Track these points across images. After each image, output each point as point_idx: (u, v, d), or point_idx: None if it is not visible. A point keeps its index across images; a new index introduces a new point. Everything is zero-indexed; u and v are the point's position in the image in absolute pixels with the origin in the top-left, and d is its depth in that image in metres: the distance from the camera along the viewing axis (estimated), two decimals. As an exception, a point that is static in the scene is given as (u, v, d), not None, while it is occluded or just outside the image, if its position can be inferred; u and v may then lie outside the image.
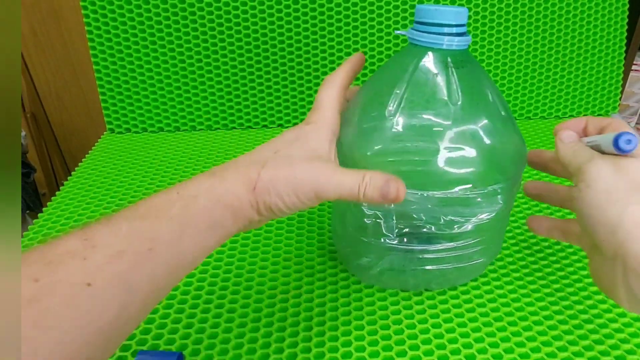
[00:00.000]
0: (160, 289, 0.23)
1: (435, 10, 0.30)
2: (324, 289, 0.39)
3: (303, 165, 0.27)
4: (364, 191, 0.27)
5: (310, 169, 0.27)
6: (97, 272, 0.20)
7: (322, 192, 0.27)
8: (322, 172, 0.27)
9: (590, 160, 0.27)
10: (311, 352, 0.33)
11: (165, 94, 0.63)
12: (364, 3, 0.61)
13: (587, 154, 0.28)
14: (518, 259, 0.42)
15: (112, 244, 0.22)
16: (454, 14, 0.30)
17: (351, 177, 0.27)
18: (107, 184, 0.53)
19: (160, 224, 0.23)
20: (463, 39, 0.31)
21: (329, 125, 0.30)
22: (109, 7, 0.59)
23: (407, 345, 0.34)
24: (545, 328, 0.35)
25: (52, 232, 0.45)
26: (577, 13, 0.65)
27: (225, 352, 0.33)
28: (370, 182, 0.27)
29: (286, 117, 0.66)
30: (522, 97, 0.68)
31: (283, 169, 0.27)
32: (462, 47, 0.31)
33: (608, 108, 0.70)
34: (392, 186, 0.27)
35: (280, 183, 0.26)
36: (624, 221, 0.24)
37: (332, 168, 0.28)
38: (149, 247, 0.22)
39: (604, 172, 0.26)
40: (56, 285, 0.19)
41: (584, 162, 0.27)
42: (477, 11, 0.63)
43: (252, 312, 0.36)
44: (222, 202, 0.25)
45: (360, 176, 0.27)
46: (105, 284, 0.20)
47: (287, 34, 0.62)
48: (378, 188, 0.27)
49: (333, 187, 0.27)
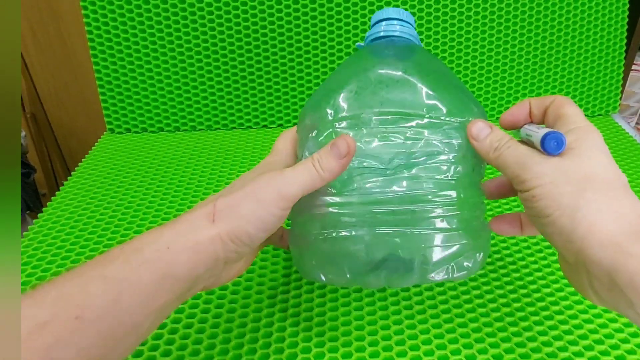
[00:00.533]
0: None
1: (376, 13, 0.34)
2: (324, 288, 0.39)
3: (256, 179, 0.26)
4: (319, 166, 0.26)
5: (265, 177, 0.26)
6: (14, 350, 0.18)
7: (284, 189, 0.25)
8: (274, 174, 0.26)
9: (524, 165, 0.25)
10: (311, 352, 0.33)
11: (165, 94, 0.63)
12: (364, 3, 0.61)
13: (515, 155, 0.26)
14: (518, 259, 0.42)
15: (35, 314, 0.19)
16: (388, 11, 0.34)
17: (303, 164, 0.27)
18: (107, 184, 0.53)
19: (91, 285, 0.21)
20: (404, 27, 0.34)
21: (282, 157, 0.31)
22: (109, 7, 0.59)
23: (408, 346, 0.34)
24: (546, 328, 0.35)
25: (52, 232, 0.45)
26: (577, 13, 0.65)
27: (226, 352, 0.33)
28: (321, 154, 0.27)
29: (286, 117, 0.66)
30: (522, 97, 0.68)
31: (238, 192, 0.25)
32: (399, 33, 0.34)
33: (608, 108, 0.70)
34: (340, 143, 0.27)
35: (238, 204, 0.25)
36: (577, 228, 0.23)
37: (282, 169, 0.27)
38: (77, 314, 0.20)
39: (543, 179, 0.24)
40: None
41: (518, 168, 0.25)
42: (477, 11, 0.63)
43: (252, 312, 0.36)
44: (173, 249, 0.23)
45: (308, 159, 0.27)
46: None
47: (287, 34, 0.62)
48: (330, 153, 0.26)
49: (290, 178, 0.26)
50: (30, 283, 0.39)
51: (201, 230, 0.24)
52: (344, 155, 0.27)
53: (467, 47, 0.65)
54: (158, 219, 0.47)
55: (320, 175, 0.26)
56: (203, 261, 0.24)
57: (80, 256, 0.42)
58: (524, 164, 0.25)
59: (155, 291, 0.22)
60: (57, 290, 0.20)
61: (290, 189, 0.25)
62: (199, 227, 0.24)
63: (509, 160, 0.26)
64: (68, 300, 0.20)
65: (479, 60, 0.66)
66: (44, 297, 0.20)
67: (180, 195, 0.51)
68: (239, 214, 0.24)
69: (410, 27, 0.35)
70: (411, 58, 0.33)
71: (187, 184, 0.52)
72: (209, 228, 0.24)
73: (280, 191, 0.25)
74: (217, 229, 0.24)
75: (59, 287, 0.21)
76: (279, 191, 0.25)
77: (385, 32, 0.34)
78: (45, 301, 0.20)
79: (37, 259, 0.41)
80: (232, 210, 0.24)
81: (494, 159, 0.27)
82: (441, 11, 0.63)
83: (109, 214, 0.48)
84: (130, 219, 0.47)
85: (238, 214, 0.24)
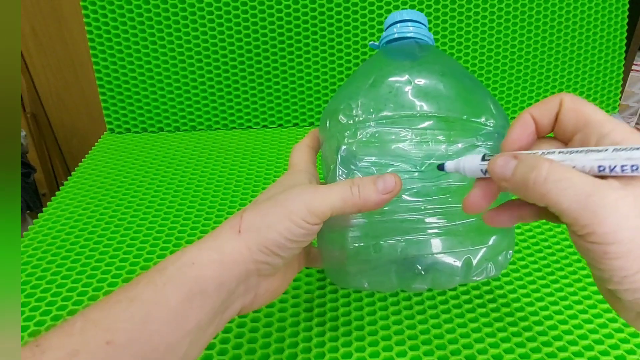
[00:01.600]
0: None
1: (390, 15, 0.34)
2: (324, 289, 0.39)
3: (285, 192, 0.25)
4: (357, 192, 0.25)
5: (294, 191, 0.25)
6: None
7: (312, 204, 0.24)
8: (307, 188, 0.25)
9: (589, 210, 0.18)
10: (311, 352, 0.33)
11: (165, 94, 0.63)
12: (364, 3, 0.61)
13: (573, 193, 0.19)
14: (518, 259, 0.42)
15: (64, 344, 0.19)
16: (405, 12, 0.34)
17: (339, 184, 0.26)
18: (107, 184, 0.53)
19: (118, 309, 0.20)
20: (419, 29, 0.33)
21: (304, 170, 0.30)
22: (109, 7, 0.59)
23: (408, 346, 0.34)
24: (545, 328, 0.35)
25: (52, 232, 0.45)
26: (577, 13, 0.65)
27: (225, 352, 0.33)
28: (364, 182, 0.25)
29: (286, 117, 0.66)
30: (522, 97, 0.68)
31: (265, 204, 0.25)
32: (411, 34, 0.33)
33: (608, 108, 0.70)
34: (389, 178, 0.25)
35: (266, 214, 0.24)
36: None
37: (316, 185, 0.26)
38: (107, 339, 0.19)
39: (622, 234, 0.18)
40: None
41: (581, 211, 0.18)
42: (477, 11, 0.63)
43: (252, 312, 0.36)
44: (198, 264, 0.22)
45: (349, 181, 0.26)
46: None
47: (287, 34, 0.62)
48: (373, 184, 0.25)
49: (322, 196, 0.25)
50: (30, 283, 0.39)
51: (227, 242, 0.23)
52: (388, 191, 0.25)
53: (466, 47, 0.65)
54: (158, 218, 0.47)
55: (356, 202, 0.25)
56: (232, 274, 0.23)
57: (80, 256, 0.42)
58: (587, 207, 0.18)
59: (185, 310, 0.21)
60: (84, 318, 0.20)
61: (320, 206, 0.24)
62: (225, 239, 0.23)
63: (562, 199, 0.19)
64: (97, 326, 0.19)
65: (479, 61, 0.66)
66: (72, 326, 0.19)
67: (180, 195, 0.51)
68: (266, 223, 0.23)
69: (426, 29, 0.35)
70: (440, 60, 0.33)
71: (187, 184, 0.52)
72: (235, 239, 0.23)
73: (309, 206, 0.24)
74: (244, 239, 0.23)
75: (86, 315, 0.20)
76: (309, 206, 0.24)
77: (415, 34, 0.34)
78: (74, 330, 0.19)
79: (37, 259, 0.41)
80: (259, 220, 0.24)
81: (539, 198, 0.20)
82: (441, 11, 0.63)
83: (109, 214, 0.48)
84: (130, 219, 0.47)
85: (265, 224, 0.23)
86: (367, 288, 0.32)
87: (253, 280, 0.24)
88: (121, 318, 0.20)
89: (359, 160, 0.30)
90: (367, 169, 0.29)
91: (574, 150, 0.21)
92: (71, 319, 0.20)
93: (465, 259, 0.31)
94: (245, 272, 0.23)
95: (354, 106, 0.30)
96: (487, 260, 0.32)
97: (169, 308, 0.20)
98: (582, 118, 0.21)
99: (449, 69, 0.32)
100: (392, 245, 0.30)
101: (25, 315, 0.36)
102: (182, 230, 0.45)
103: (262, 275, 0.25)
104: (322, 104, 0.66)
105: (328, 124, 0.32)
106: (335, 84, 0.65)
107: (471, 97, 0.31)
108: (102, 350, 0.19)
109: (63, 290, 0.38)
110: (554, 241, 0.44)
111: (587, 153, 0.20)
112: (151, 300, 0.20)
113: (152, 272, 0.22)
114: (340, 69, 0.64)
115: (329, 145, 0.32)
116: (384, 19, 0.61)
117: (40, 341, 0.19)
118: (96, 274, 0.40)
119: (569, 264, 0.41)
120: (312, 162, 0.31)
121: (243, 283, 0.23)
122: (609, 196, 0.18)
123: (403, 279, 0.32)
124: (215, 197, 0.50)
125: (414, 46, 0.34)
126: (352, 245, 0.31)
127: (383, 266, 0.31)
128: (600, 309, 0.37)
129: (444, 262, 0.31)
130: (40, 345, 0.19)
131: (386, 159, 0.29)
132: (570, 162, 0.20)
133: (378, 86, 0.31)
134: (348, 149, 0.30)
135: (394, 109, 0.30)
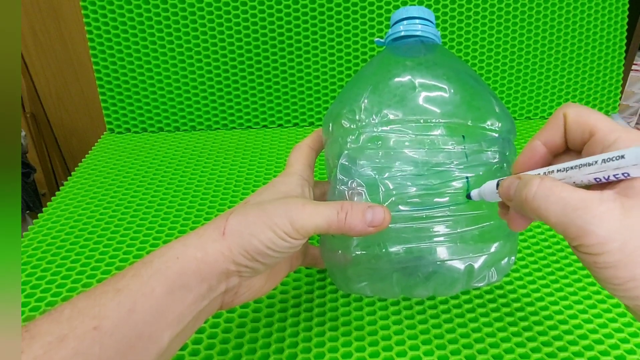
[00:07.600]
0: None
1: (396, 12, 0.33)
2: (324, 289, 0.39)
3: (273, 203, 0.26)
4: (344, 217, 0.25)
5: (282, 203, 0.25)
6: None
7: (297, 221, 0.24)
8: (295, 203, 0.25)
9: (576, 224, 0.19)
10: (311, 352, 0.33)
11: (165, 94, 0.63)
12: (364, 3, 0.61)
13: (561, 207, 0.19)
14: (518, 259, 0.42)
15: (53, 330, 0.19)
16: (413, 9, 0.32)
17: (328, 206, 0.25)
18: (107, 184, 0.53)
19: (105, 298, 0.21)
20: (427, 27, 0.32)
21: (298, 174, 0.30)
22: (109, 7, 0.59)
23: (408, 346, 0.34)
24: (546, 328, 0.35)
25: (52, 232, 0.45)
26: (577, 13, 0.65)
27: (225, 352, 0.33)
28: (354, 209, 0.25)
29: (286, 117, 0.66)
30: (522, 97, 0.68)
31: (252, 210, 0.25)
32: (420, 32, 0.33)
33: (608, 108, 0.70)
34: (378, 212, 0.25)
35: (251, 222, 0.24)
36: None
37: (305, 200, 0.26)
38: (94, 325, 0.20)
39: (610, 245, 0.19)
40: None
41: (569, 225, 0.19)
42: (477, 11, 0.63)
43: (252, 312, 0.36)
44: (182, 259, 0.23)
45: (339, 204, 0.25)
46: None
47: (287, 34, 0.62)
48: (362, 213, 0.25)
49: (308, 214, 0.25)
50: (30, 283, 0.39)
51: (211, 243, 0.24)
52: (375, 225, 0.25)
53: (466, 47, 0.65)
54: (158, 218, 0.47)
55: (340, 227, 0.25)
56: (213, 272, 0.23)
57: (80, 256, 0.42)
58: (573, 221, 0.19)
59: (168, 302, 0.22)
60: (72, 306, 0.21)
61: (305, 225, 0.25)
62: (209, 239, 0.24)
63: (550, 214, 0.20)
64: (84, 314, 0.20)
65: (479, 61, 0.66)
66: (60, 314, 0.20)
67: (180, 195, 0.51)
68: (249, 230, 0.24)
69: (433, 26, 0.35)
70: (447, 62, 0.33)
71: (186, 184, 0.52)
72: (218, 241, 0.24)
73: (294, 222, 0.24)
74: (227, 242, 0.24)
75: (74, 304, 0.21)
76: (293, 222, 0.24)
77: (423, 32, 0.33)
78: (62, 317, 0.20)
79: (37, 259, 0.41)
80: (244, 226, 0.24)
81: (532, 213, 0.21)
82: (441, 11, 0.63)
83: (109, 214, 0.48)
84: (130, 218, 0.47)
85: (248, 231, 0.24)
86: (369, 295, 0.32)
87: (234, 279, 0.25)
88: (108, 307, 0.20)
89: (360, 167, 0.29)
90: (368, 176, 0.29)
91: (569, 167, 0.21)
92: (59, 307, 0.21)
93: (467, 266, 0.31)
94: (225, 272, 0.24)
95: (357, 110, 0.30)
96: (489, 267, 0.32)
97: (153, 299, 0.21)
98: (587, 129, 0.22)
99: (454, 72, 0.31)
100: (395, 252, 0.30)
101: (25, 315, 0.36)
102: (182, 230, 0.45)
103: (244, 278, 0.25)
104: (323, 104, 0.66)
105: (331, 127, 0.32)
106: (335, 84, 0.65)
107: (476, 101, 0.31)
108: (89, 335, 0.20)
109: (63, 291, 0.38)
110: (554, 241, 0.44)
111: (581, 168, 0.21)
112: (137, 291, 0.21)
113: (138, 264, 0.23)
114: (340, 69, 0.64)
115: (331, 149, 0.32)
116: (385, 18, 0.62)
117: (30, 327, 0.20)
118: (96, 274, 0.40)
119: (569, 264, 0.41)
120: (309, 165, 0.31)
121: (224, 281, 0.24)
122: (595, 209, 0.19)
123: (405, 286, 0.32)
124: (215, 197, 0.50)
125: (420, 46, 0.33)
126: (355, 252, 0.30)
127: (385, 273, 0.31)
128: (600, 309, 0.37)
129: (446, 269, 0.31)
130: (30, 330, 0.19)
131: (388, 165, 0.29)
132: (569, 179, 0.21)
133: (382, 90, 0.30)
134: (349, 155, 0.30)
135: (397, 115, 0.29)
